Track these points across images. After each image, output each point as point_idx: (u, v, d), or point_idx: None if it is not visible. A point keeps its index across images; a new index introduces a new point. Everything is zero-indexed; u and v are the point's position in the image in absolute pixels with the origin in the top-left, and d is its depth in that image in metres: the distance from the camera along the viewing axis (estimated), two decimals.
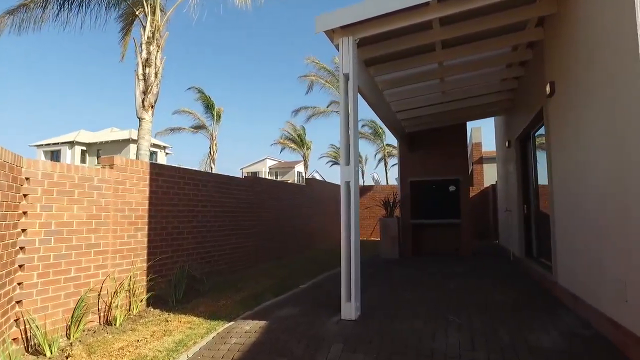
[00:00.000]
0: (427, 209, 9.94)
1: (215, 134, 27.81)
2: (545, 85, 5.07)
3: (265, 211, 9.23)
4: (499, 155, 10.62)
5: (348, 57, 4.41)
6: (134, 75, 9.09)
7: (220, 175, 7.57)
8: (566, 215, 4.57)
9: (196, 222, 6.62)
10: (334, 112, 30.08)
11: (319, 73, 28.14)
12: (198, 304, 5.42)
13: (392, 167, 44.88)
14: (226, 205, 7.55)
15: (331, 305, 4.82)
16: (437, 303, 4.84)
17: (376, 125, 39.51)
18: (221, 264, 7.32)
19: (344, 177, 4.32)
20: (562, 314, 4.19)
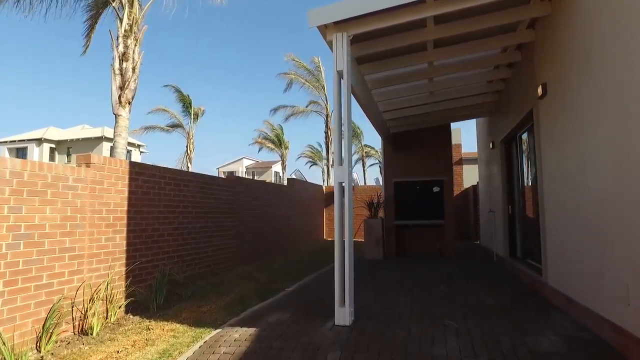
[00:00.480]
0: (411, 209, 9.92)
1: (192, 133, 27.21)
2: (536, 87, 5.08)
3: (247, 212, 8.99)
4: (482, 157, 10.73)
5: (342, 53, 4.26)
6: (110, 69, 8.67)
7: (202, 175, 7.29)
8: (559, 216, 4.56)
9: (177, 223, 6.33)
10: (313, 112, 29.90)
11: (299, 72, 27.93)
12: (181, 310, 5.15)
13: (369, 167, 45.18)
14: (208, 205, 7.27)
15: (322, 310, 4.66)
16: (430, 306, 4.76)
17: (354, 125, 39.65)
18: (203, 266, 7.04)
19: (337, 178, 4.17)
20: (557, 316, 4.18)
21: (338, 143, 4.28)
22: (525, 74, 5.72)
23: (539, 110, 5.12)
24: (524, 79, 5.80)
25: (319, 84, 28.33)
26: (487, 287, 5.93)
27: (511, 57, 5.94)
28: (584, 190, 3.79)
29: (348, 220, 4.11)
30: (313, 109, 29.45)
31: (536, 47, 5.18)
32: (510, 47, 5.82)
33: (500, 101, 7.84)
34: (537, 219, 5.65)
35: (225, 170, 54.91)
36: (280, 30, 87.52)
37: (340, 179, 4.15)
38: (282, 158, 41.44)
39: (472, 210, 13.94)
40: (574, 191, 4.01)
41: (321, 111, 29.11)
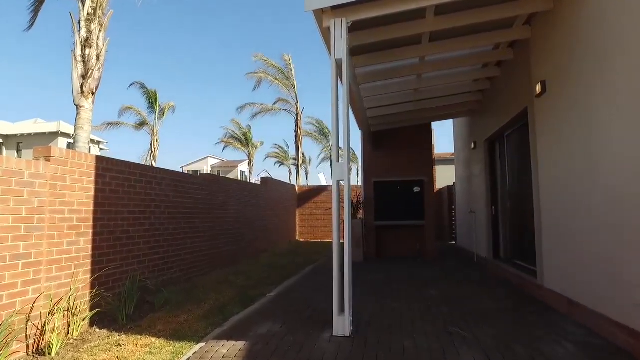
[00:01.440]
0: (391, 210, 9.74)
1: (157, 130, 25.99)
2: (533, 85, 4.97)
3: (223, 212, 8.48)
4: (460, 157, 10.73)
5: (340, 40, 3.93)
6: (71, 56, 7.89)
7: (177, 172, 6.74)
8: (561, 216, 4.44)
9: (149, 224, 5.77)
10: (283, 111, 29.34)
11: (269, 70, 27.35)
12: (155, 321, 4.63)
13: None
14: (182, 205, 6.73)
15: (314, 318, 4.31)
16: (429, 312, 4.52)
17: (323, 124, 39.52)
18: (176, 271, 6.49)
19: (335, 176, 3.83)
20: (561, 321, 4.04)
21: (336, 138, 3.95)
22: (518, 72, 5.62)
23: (535, 108, 5.01)
24: (516, 78, 5.70)
25: (289, 82, 27.89)
26: (478, 289, 5.78)
27: (503, 54, 5.84)
28: (597, 189, 3.64)
29: (348, 220, 3.78)
30: (282, 107, 28.92)
31: (532, 45, 5.08)
32: (503, 45, 5.72)
33: (484, 101, 7.78)
34: (530, 219, 5.57)
35: (189, 169, 53.18)
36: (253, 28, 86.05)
37: (339, 176, 3.82)
38: (249, 157, 40.66)
39: (446, 211, 14.01)
40: (584, 190, 3.88)
41: (291, 110, 28.65)
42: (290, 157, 48.46)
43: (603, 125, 3.55)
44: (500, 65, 6.44)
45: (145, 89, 25.39)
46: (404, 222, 9.66)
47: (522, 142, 6.06)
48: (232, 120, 39.37)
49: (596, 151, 3.66)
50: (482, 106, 8.00)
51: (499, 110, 6.69)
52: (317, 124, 38.99)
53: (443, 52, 5.53)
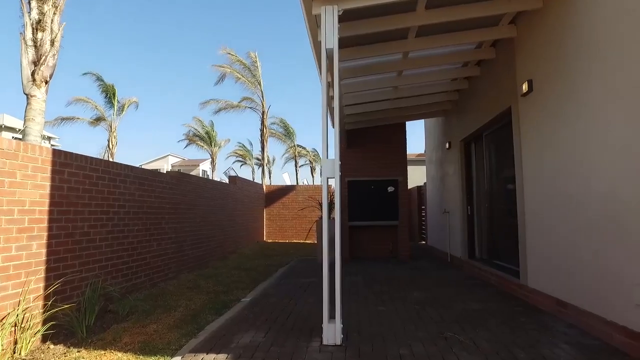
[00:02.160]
0: (364, 210, 9.60)
1: (115, 126, 24.57)
2: (518, 84, 4.96)
3: (191, 212, 7.99)
4: (432, 158, 10.78)
5: (332, 29, 3.68)
6: (20, 39, 7.12)
7: (143, 169, 6.22)
8: (548, 216, 4.42)
9: (112, 226, 5.26)
10: (248, 109, 28.64)
11: (234, 66, 26.65)
12: (120, 333, 4.16)
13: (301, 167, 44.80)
14: (148, 205, 6.22)
15: (299, 326, 4.04)
16: (418, 315, 4.36)
17: (287, 124, 39.22)
18: (141, 276, 5.99)
19: (325, 173, 3.58)
20: (551, 321, 4.00)
21: (325, 132, 3.69)
22: (501, 71, 5.62)
23: (520, 108, 5.00)
24: (499, 77, 5.70)
25: (255, 79, 27.33)
26: (459, 290, 5.72)
27: (485, 54, 5.82)
28: (591, 187, 3.60)
29: (339, 220, 3.54)
30: (248, 105, 28.25)
31: (518, 44, 5.07)
32: (485, 43, 5.69)
33: (460, 101, 7.80)
34: (512, 218, 5.57)
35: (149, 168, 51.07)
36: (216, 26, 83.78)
37: (329, 173, 3.57)
38: (212, 156, 39.61)
39: (416, 211, 14.12)
40: (576, 188, 3.85)
41: (256, 108, 28.09)
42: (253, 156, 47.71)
43: (597, 123, 3.53)
44: (480, 64, 6.44)
45: (102, 82, 23.91)
46: (377, 222, 9.56)
47: (504, 141, 6.08)
48: (195, 118, 38.22)
49: (590, 149, 3.63)
50: (457, 106, 8.03)
51: (477, 110, 6.70)
52: (281, 123, 38.61)
53: (428, 48, 5.42)
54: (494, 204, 6.54)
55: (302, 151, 44.98)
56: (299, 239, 16.18)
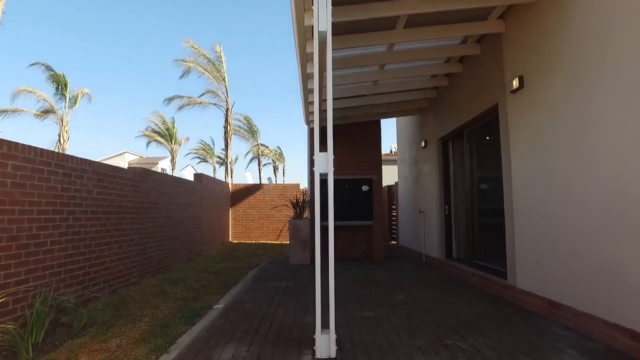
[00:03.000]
0: (338, 209, 9.28)
1: (67, 120, 22.88)
2: (506, 81, 4.85)
3: (154, 211, 7.38)
4: (405, 157, 10.69)
5: (325, 10, 3.34)
6: None
7: (102, 164, 5.60)
8: (540, 216, 4.31)
9: (66, 227, 4.64)
10: (211, 105, 27.62)
11: (198, 60, 25.67)
12: (75, 350, 3.61)
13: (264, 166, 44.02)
14: (107, 203, 5.61)
15: (284, 337, 3.67)
16: (410, 321, 4.11)
17: (251, 121, 38.47)
18: (99, 282, 5.38)
19: (318, 168, 3.24)
20: (546, 324, 3.87)
21: (318, 123, 3.35)
22: (487, 68, 5.51)
23: (509, 105, 4.89)
24: (484, 74, 5.59)
25: (220, 74, 26.49)
26: (443, 292, 5.56)
27: (470, 49, 5.70)
28: (591, 185, 3.49)
29: (332, 220, 3.21)
30: (212, 101, 27.28)
31: (506, 40, 4.96)
32: (471, 39, 5.57)
33: (438, 98, 7.70)
34: (497, 218, 5.48)
35: None
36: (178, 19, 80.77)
37: (323, 168, 3.23)
38: (172, 154, 38.16)
39: (386, 211, 14.05)
40: (574, 187, 3.73)
41: (220, 104, 27.21)
42: (214, 154, 46.40)
43: (598, 119, 3.43)
44: (462, 61, 6.33)
45: (52, 72, 22.19)
46: (352, 222, 9.32)
47: (488, 139, 5.99)
48: (155, 113, 36.59)
49: (589, 146, 3.53)
50: (435, 104, 7.93)
51: (458, 108, 6.59)
52: (244, 121, 37.82)
53: (414, 40, 5.20)
54: (475, 204, 6.46)
55: (265, 150, 44.27)
56: (266, 239, 15.71)
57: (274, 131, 79.52)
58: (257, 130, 39.58)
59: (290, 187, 16.06)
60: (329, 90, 3.28)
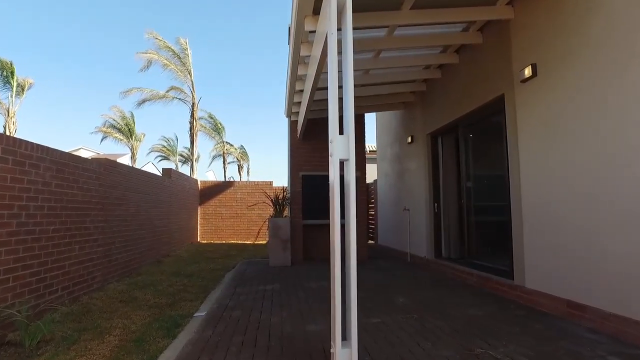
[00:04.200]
0: (320, 207, 8.86)
1: (14, 111, 21.00)
2: (515, 70, 4.60)
3: (121, 208, 6.62)
4: (386, 153, 10.38)
5: None
6: None
7: (63, 152, 4.83)
8: (555, 213, 4.05)
9: (17, 225, 3.90)
10: (176, 99, 26.31)
11: (162, 52, 24.41)
12: None
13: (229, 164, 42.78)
14: (68, 198, 4.87)
15: (291, 351, 3.17)
16: (424, 328, 3.70)
17: (216, 119, 37.42)
18: (57, 290, 4.63)
19: (337, 154, 2.76)
20: (570, 327, 3.59)
21: (334, 102, 2.87)
22: (490, 57, 5.24)
23: (517, 95, 4.62)
24: (487, 64, 5.32)
25: (185, 68, 25.37)
26: (442, 293, 5.23)
27: (472, 38, 5.41)
28: (623, 178, 3.24)
29: (353, 216, 2.75)
30: (176, 95, 26.01)
31: (515, 27, 4.70)
32: (474, 26, 5.28)
33: (429, 92, 7.41)
34: (498, 215, 5.23)
35: None
36: None
37: (342, 154, 2.76)
38: (133, 151, 36.35)
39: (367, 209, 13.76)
40: (601, 181, 3.47)
41: (186, 99, 26.04)
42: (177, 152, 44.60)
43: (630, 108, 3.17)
44: (459, 52, 6.05)
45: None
46: None
47: (490, 133, 5.74)
48: (114, 107, 34.61)
49: (616, 140, 3.28)
50: (424, 98, 7.65)
51: (453, 101, 6.32)
52: (209, 118, 36.71)
53: (417, 24, 4.82)
54: (471, 201, 6.19)
55: (230, 148, 43.10)
56: (237, 239, 14.99)
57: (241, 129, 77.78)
58: (222, 127, 38.47)
59: (263, 184, 15.43)
60: (349, 64, 2.81)
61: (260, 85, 78.50)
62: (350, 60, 2.80)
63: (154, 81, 77.49)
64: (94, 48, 71.26)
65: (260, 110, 79.55)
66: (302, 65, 5.72)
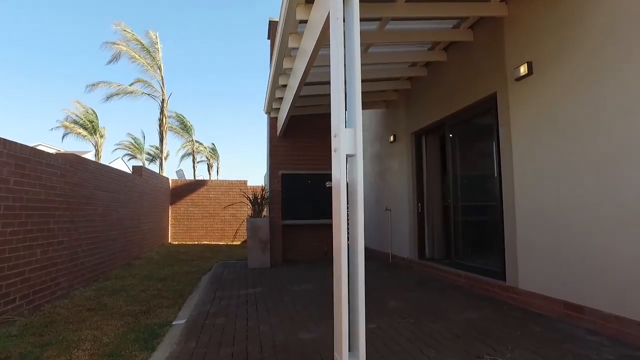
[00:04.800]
0: (300, 207, 8.62)
1: None
2: (507, 68, 4.54)
3: (88, 208, 6.13)
4: (364, 152, 10.24)
5: None
6: None
7: (23, 146, 4.35)
8: (552, 213, 3.98)
9: None
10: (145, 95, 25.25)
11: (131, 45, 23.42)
12: None
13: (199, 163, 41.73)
14: (29, 197, 4.39)
15: None
16: (426, 335, 3.52)
17: (184, 118, 36.58)
18: (15, 299, 4.16)
19: (343, 149, 2.52)
20: (570, 329, 3.50)
21: (338, 89, 2.63)
22: (481, 55, 5.15)
23: (511, 93, 4.55)
24: (477, 62, 5.23)
25: (155, 63, 24.49)
26: (433, 295, 5.11)
27: (462, 35, 5.31)
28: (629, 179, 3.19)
29: (360, 216, 2.52)
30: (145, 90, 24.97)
31: (508, 23, 4.62)
32: (465, 24, 5.18)
33: (413, 90, 7.30)
34: (487, 215, 5.16)
35: None
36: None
37: (349, 149, 2.52)
38: (97, 148, 34.76)
39: None
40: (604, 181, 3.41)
41: (155, 94, 25.12)
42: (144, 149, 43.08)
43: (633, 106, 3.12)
44: (447, 49, 5.96)
45: None
46: (314, 220, 8.65)
47: (479, 132, 5.66)
48: (76, 102, 32.96)
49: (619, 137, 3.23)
50: (408, 97, 7.54)
51: (440, 100, 6.22)
52: (177, 118, 35.86)
53: (413, 14, 4.63)
54: (458, 201, 6.11)
55: (199, 147, 42.06)
56: (211, 240, 14.48)
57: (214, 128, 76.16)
58: (190, 126, 37.61)
59: (238, 183, 14.99)
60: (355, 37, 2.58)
61: (232, 83, 77.28)
62: (357, 42, 2.57)
63: (123, 77, 74.13)
64: (57, 37, 67.65)
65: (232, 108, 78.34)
66: (287, 59, 5.46)
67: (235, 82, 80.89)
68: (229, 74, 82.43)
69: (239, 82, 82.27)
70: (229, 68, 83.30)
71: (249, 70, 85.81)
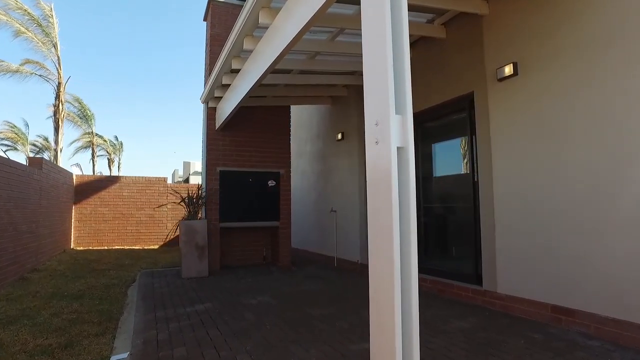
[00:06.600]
0: (240, 207, 7.82)
1: None
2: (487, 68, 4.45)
3: None
4: (303, 150, 9.69)
5: None
6: None
7: None
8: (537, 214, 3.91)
9: None
10: (36, 76, 21.63)
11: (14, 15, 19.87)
12: None
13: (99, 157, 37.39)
14: None
15: None
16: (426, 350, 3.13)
17: (84, 105, 32.36)
18: None
19: (393, 139, 2.00)
20: (564, 334, 3.42)
21: (384, 72, 2.11)
22: (456, 54, 4.99)
23: (491, 94, 4.44)
24: (451, 60, 5.07)
25: (49, 40, 21.20)
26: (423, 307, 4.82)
27: (435, 31, 5.10)
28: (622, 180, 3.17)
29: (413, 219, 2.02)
30: (35, 70, 21.37)
31: (488, 22, 4.51)
32: (439, 20, 4.99)
33: None
34: (459, 218, 5.03)
35: None
36: None
37: (400, 141, 2.01)
38: None
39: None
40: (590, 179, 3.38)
41: (49, 77, 21.75)
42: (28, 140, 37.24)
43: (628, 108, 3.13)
44: (414, 46, 5.74)
45: None
46: (255, 222, 7.94)
47: (450, 131, 5.52)
48: None
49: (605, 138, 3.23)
50: (361, 93, 7.22)
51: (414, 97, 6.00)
52: (75, 103, 31.46)
53: None
54: (421, 202, 5.93)
55: (98, 140, 37.66)
56: (123, 244, 12.72)
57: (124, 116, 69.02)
58: (91, 115, 33.26)
59: (156, 180, 13.43)
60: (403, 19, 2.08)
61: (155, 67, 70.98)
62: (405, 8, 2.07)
63: (7, 53, 62.77)
64: None
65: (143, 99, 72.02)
66: (249, 39, 4.74)
67: (160, 67, 74.46)
68: (153, 56, 75.60)
69: (165, 67, 75.90)
70: (153, 49, 76.34)
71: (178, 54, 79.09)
